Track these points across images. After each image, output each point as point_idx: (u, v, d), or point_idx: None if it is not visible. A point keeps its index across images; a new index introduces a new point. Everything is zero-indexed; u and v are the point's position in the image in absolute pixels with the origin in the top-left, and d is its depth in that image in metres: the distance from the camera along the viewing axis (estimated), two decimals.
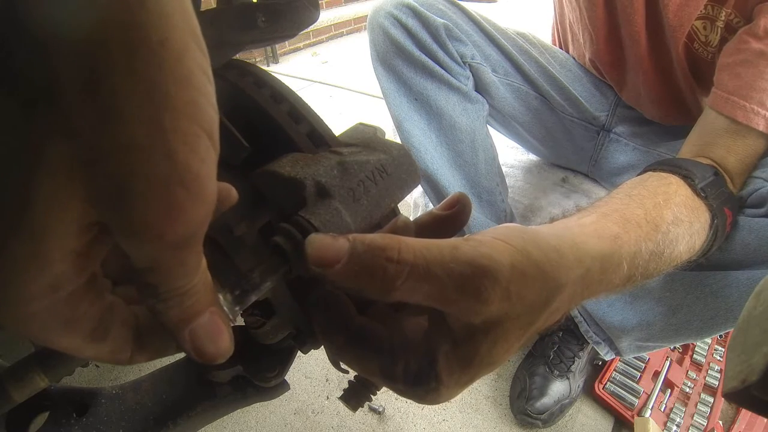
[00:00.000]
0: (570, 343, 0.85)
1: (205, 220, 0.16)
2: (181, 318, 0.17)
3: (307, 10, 0.33)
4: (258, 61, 2.50)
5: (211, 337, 0.18)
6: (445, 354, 0.22)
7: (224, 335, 0.18)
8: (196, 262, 0.17)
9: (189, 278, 0.17)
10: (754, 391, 0.19)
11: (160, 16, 0.13)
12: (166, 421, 0.42)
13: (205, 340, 0.18)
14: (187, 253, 0.16)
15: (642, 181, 0.44)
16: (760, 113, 0.51)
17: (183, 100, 0.14)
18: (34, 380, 0.21)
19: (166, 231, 0.15)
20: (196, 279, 0.17)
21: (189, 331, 0.18)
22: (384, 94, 0.81)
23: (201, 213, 0.15)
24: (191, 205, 0.15)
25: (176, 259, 0.16)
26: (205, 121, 0.15)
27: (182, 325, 0.17)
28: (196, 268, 0.17)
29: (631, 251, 0.32)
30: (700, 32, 0.61)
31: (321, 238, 0.20)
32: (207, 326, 0.18)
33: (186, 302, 0.17)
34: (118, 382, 0.52)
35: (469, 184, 0.81)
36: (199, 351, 0.18)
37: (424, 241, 0.21)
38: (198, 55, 0.14)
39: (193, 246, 0.16)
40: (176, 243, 0.15)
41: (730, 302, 0.53)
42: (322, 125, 0.29)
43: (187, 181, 0.14)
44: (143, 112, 0.13)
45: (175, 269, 0.16)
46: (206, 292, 0.18)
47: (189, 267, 0.17)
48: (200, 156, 0.14)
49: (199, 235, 0.16)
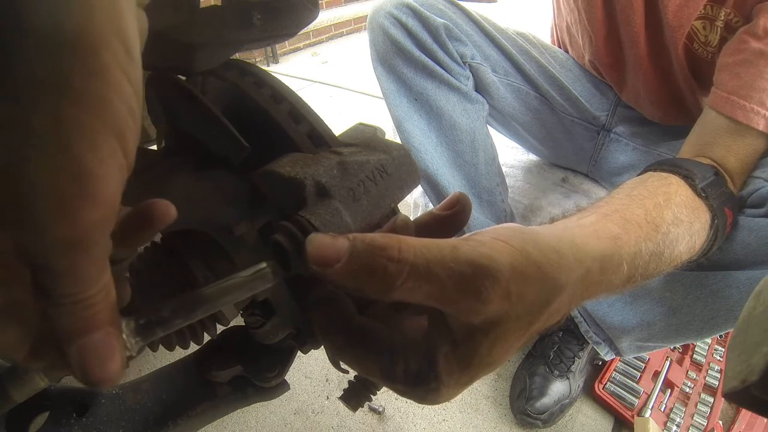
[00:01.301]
0: (570, 343, 0.85)
1: (100, 226, 0.15)
2: (72, 329, 0.16)
3: (305, 8, 0.33)
4: (258, 61, 2.49)
5: (99, 359, 0.17)
6: (444, 354, 0.22)
7: (114, 360, 0.17)
8: (93, 270, 0.16)
9: (84, 287, 0.16)
10: (754, 391, 0.19)
11: (81, 5, 0.13)
12: (166, 421, 0.42)
13: (92, 360, 0.17)
14: (80, 258, 0.15)
15: (642, 181, 0.44)
16: (760, 113, 0.51)
17: (91, 95, 0.13)
18: (34, 380, 0.21)
19: (50, 227, 0.14)
20: (94, 291, 0.16)
21: (78, 346, 0.17)
22: (384, 94, 0.80)
23: (93, 216, 0.14)
24: (81, 204, 0.14)
25: (67, 261, 0.15)
26: (114, 121, 0.14)
27: (72, 337, 0.16)
28: (94, 279, 0.16)
29: (631, 252, 0.32)
30: (700, 32, 0.61)
31: (321, 237, 0.20)
32: (98, 345, 0.17)
33: (79, 313, 0.16)
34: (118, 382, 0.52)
35: (469, 184, 0.81)
36: (84, 370, 0.17)
37: (424, 241, 0.21)
38: (121, 55, 0.14)
39: (86, 251, 0.15)
40: (64, 242, 0.14)
41: (730, 302, 0.52)
42: (322, 125, 0.29)
43: (79, 177, 0.14)
44: (45, 98, 0.13)
45: (67, 273, 0.15)
46: (106, 309, 0.17)
47: (83, 274, 0.16)
48: (100, 155, 0.14)
49: (92, 240, 0.15)
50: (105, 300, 0.17)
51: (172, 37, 0.27)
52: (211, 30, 0.29)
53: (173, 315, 0.20)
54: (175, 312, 0.20)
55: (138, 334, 0.19)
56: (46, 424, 0.39)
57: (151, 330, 0.19)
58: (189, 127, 0.30)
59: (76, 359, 0.17)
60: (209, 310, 0.21)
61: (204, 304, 0.20)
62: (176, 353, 0.42)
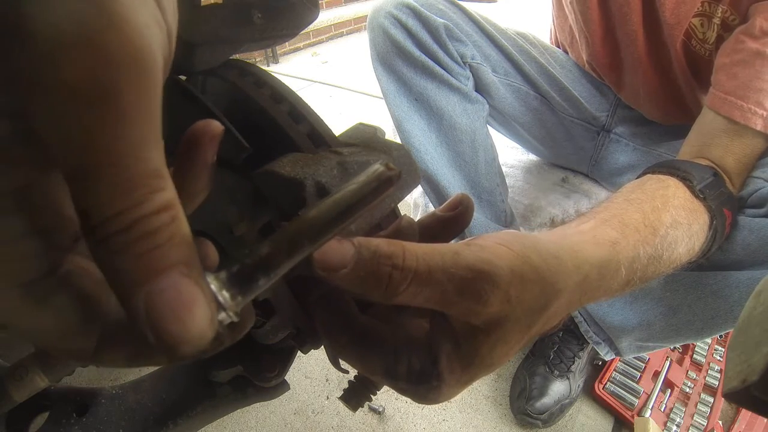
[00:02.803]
0: (570, 343, 0.85)
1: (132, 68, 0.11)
2: (132, 272, 0.12)
3: (305, 8, 0.33)
4: (258, 61, 2.49)
5: (174, 309, 0.12)
6: (447, 353, 0.22)
7: (196, 312, 0.12)
8: (136, 162, 0.11)
9: (131, 195, 0.11)
10: (755, 391, 0.19)
11: None
12: (166, 421, 0.42)
13: (165, 312, 0.12)
14: (110, 126, 0.11)
15: (640, 184, 0.44)
16: (757, 113, 0.51)
17: None
18: (34, 380, 0.21)
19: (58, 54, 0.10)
20: (150, 207, 0.12)
21: (145, 296, 0.12)
22: (384, 95, 0.81)
23: (118, 42, 0.11)
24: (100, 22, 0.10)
25: (94, 128, 0.11)
26: None
27: (134, 286, 0.12)
28: (142, 181, 0.12)
29: (629, 257, 0.32)
30: (698, 29, 0.61)
31: None
32: (172, 292, 0.12)
33: (137, 247, 0.11)
34: (118, 382, 0.52)
35: (469, 184, 0.81)
36: (158, 330, 0.12)
37: (426, 247, 0.21)
38: None
39: (118, 114, 0.11)
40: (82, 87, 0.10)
41: (730, 302, 0.53)
42: (322, 125, 0.29)
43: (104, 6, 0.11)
44: None
45: (99, 156, 0.11)
46: (174, 241, 0.12)
47: (121, 163, 0.11)
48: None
49: (124, 93, 0.11)
50: (172, 227, 0.12)
51: None
52: (212, 28, 0.29)
53: (276, 253, 0.14)
54: (278, 248, 0.15)
55: (233, 285, 0.14)
56: (46, 424, 0.39)
57: (251, 277, 0.14)
58: (189, 127, 0.30)
59: (144, 316, 0.12)
60: (322, 238, 0.15)
61: (313, 231, 0.15)
62: None
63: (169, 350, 0.12)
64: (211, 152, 0.17)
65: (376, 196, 0.16)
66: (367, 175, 0.17)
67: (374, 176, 0.16)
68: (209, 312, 0.13)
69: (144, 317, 0.12)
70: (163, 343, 0.12)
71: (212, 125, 0.17)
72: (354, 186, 0.16)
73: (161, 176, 0.12)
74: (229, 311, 0.14)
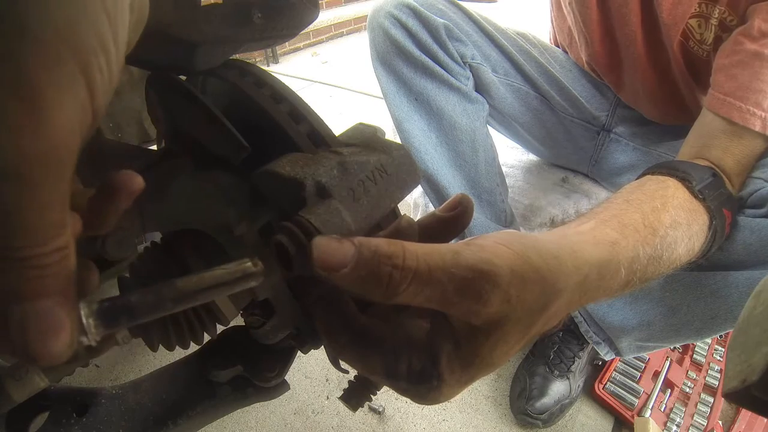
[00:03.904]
0: (570, 343, 0.85)
1: (48, 163, 0.13)
2: (17, 290, 0.14)
3: (305, 8, 0.33)
4: (258, 61, 2.49)
5: (42, 331, 0.15)
6: (447, 353, 0.22)
7: (60, 337, 0.15)
8: (43, 221, 0.14)
9: (31, 240, 0.14)
10: (755, 391, 0.19)
11: None
12: (166, 421, 0.42)
13: (34, 331, 0.14)
14: (22, 199, 0.13)
15: (640, 185, 0.44)
16: (756, 114, 0.51)
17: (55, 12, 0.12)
18: (34, 380, 0.21)
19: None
20: (46, 249, 0.14)
21: (20, 311, 0.14)
22: (384, 94, 0.81)
23: (39, 146, 0.13)
24: (24, 126, 0.12)
25: (7, 199, 0.13)
26: (79, 47, 0.13)
27: (15, 299, 0.14)
28: (46, 232, 0.14)
29: (629, 257, 0.32)
30: (695, 30, 0.61)
31: (327, 242, 0.20)
32: (43, 314, 0.15)
33: (27, 272, 0.14)
34: (118, 382, 0.52)
35: (469, 184, 0.81)
36: (23, 341, 0.14)
37: (426, 247, 0.21)
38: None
39: (30, 191, 0.13)
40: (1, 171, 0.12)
41: (730, 302, 0.53)
42: (322, 125, 0.29)
43: (26, 95, 0.12)
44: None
45: (9, 216, 0.13)
46: (59, 276, 0.15)
47: (32, 222, 0.14)
48: (57, 80, 0.12)
49: (38, 178, 0.13)
50: (60, 265, 0.15)
51: (172, 34, 0.27)
52: (212, 27, 0.29)
53: (141, 303, 0.17)
54: (144, 300, 0.17)
55: (99, 317, 0.17)
56: (46, 424, 0.39)
57: (115, 316, 0.17)
58: (189, 127, 0.30)
59: (16, 326, 0.14)
60: (183, 303, 0.19)
61: (177, 296, 0.18)
62: (176, 353, 0.42)
63: (29, 361, 0.15)
64: (125, 203, 0.19)
65: (236, 285, 0.19)
66: (235, 266, 0.20)
67: (240, 269, 0.19)
68: (71, 338, 0.15)
69: (16, 328, 0.14)
70: (26, 355, 0.15)
71: (134, 181, 0.18)
72: (220, 272, 0.19)
73: (58, 226, 0.15)
74: (90, 337, 0.16)
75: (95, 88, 0.14)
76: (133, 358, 0.87)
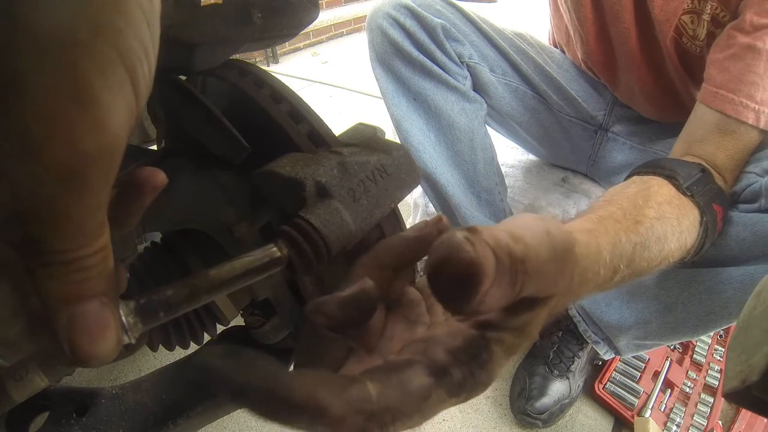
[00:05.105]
0: (569, 343, 0.85)
1: (102, 162, 0.14)
2: (62, 295, 0.15)
3: (305, 8, 0.33)
4: (258, 61, 2.49)
5: (91, 332, 0.15)
6: None
7: (108, 337, 0.15)
8: (90, 222, 0.14)
9: (79, 242, 0.14)
10: (755, 391, 0.19)
11: None
12: (166, 421, 0.42)
13: (83, 333, 0.15)
14: (76, 200, 0.13)
15: (624, 187, 0.45)
16: (749, 106, 0.51)
17: (104, 21, 0.13)
18: (34, 380, 0.21)
19: (46, 148, 0.12)
20: (90, 250, 0.15)
21: (67, 315, 0.15)
22: (383, 95, 0.81)
23: (95, 144, 0.13)
24: (82, 127, 0.13)
25: (61, 200, 0.13)
26: (127, 53, 0.13)
27: (61, 304, 0.15)
28: (92, 233, 0.15)
29: (609, 240, 0.32)
30: (688, 26, 0.61)
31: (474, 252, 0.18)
32: (90, 316, 0.15)
33: (72, 276, 0.15)
34: (118, 382, 0.52)
35: (467, 183, 0.81)
36: (72, 344, 0.15)
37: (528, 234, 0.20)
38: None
39: (84, 191, 0.14)
40: (59, 172, 0.13)
41: (724, 299, 0.53)
42: (322, 125, 0.29)
43: (83, 98, 0.12)
44: (52, 14, 0.12)
45: (59, 219, 0.13)
46: (102, 277, 0.15)
47: (79, 223, 0.14)
48: (107, 82, 0.13)
49: (92, 177, 0.14)
50: (102, 265, 0.15)
51: (172, 35, 0.27)
52: (212, 28, 0.29)
53: (177, 297, 0.18)
54: (179, 293, 0.18)
55: (138, 314, 0.17)
56: (46, 424, 0.39)
57: (153, 311, 0.17)
58: (189, 127, 0.30)
59: (65, 331, 0.15)
60: (217, 292, 0.19)
61: (211, 286, 0.19)
62: (176, 353, 0.42)
63: (79, 362, 0.15)
64: (150, 198, 0.19)
65: (265, 270, 0.20)
66: (262, 252, 0.20)
67: (267, 254, 0.20)
68: (117, 336, 0.16)
69: (64, 332, 0.15)
70: (76, 356, 0.15)
71: (158, 176, 0.19)
72: (248, 259, 0.20)
73: (102, 226, 0.15)
74: (131, 335, 0.17)
75: (140, 91, 0.14)
76: (133, 358, 0.86)
